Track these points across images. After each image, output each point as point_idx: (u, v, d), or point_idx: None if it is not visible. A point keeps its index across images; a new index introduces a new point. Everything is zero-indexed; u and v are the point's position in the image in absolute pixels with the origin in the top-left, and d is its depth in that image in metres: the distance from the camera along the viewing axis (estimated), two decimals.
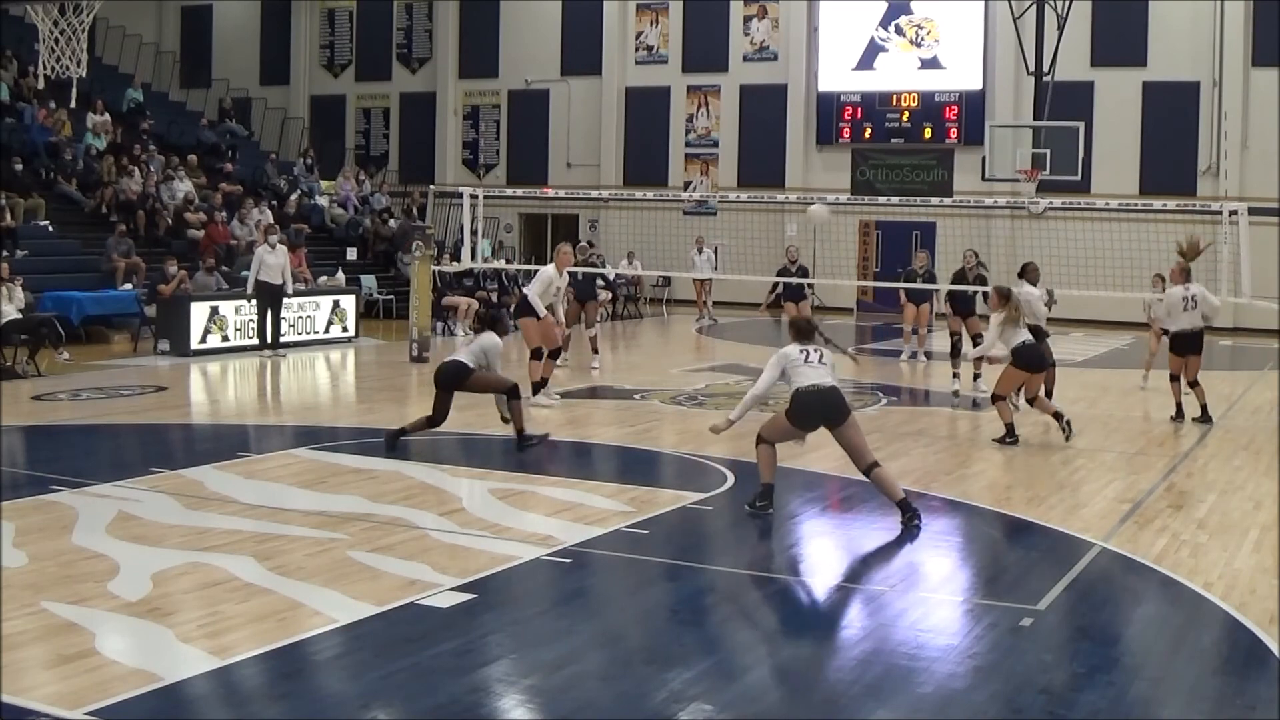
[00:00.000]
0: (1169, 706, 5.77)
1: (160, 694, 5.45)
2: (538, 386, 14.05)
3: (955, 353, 15.92)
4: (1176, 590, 7.46)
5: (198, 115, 30.37)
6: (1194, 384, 13.67)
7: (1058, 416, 12.39)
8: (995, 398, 12.43)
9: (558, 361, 14.87)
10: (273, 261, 18.51)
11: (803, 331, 9.38)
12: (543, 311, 14.24)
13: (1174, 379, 13.85)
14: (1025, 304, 12.83)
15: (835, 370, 9.21)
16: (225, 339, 18.70)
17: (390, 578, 7.22)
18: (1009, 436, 12.27)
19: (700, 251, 27.27)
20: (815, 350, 9.20)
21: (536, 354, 14.16)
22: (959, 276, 16.59)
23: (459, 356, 11.45)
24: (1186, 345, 13.64)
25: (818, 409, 9.01)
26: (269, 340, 18.63)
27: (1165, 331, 14.61)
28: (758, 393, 9.30)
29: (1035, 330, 12.69)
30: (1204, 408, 13.67)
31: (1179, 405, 13.79)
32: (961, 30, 28.81)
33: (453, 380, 11.36)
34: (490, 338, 11.50)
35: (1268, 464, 11.47)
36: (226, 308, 18.85)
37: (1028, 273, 14.33)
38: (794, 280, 18.91)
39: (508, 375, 11.60)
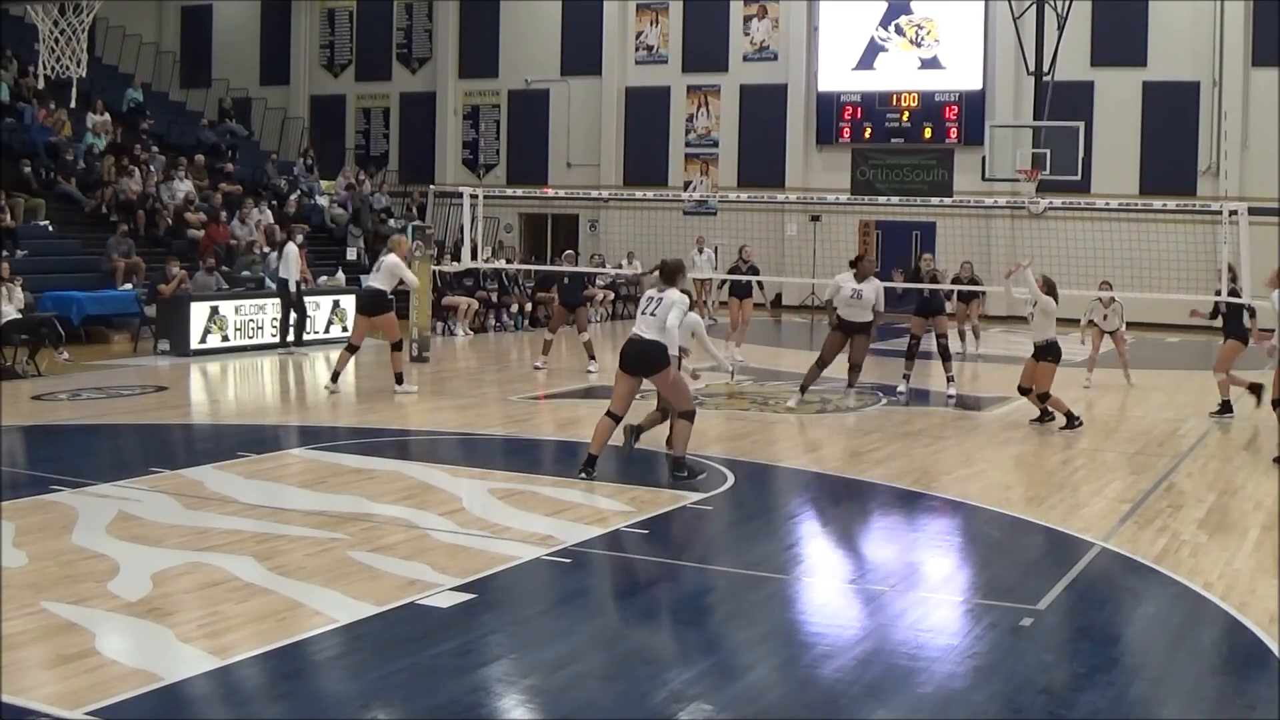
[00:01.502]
0: (1169, 706, 5.76)
1: (160, 694, 5.45)
2: (400, 377, 14.88)
3: (946, 356, 15.72)
4: (1176, 590, 7.46)
5: (198, 115, 30.35)
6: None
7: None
8: (1044, 395, 13.09)
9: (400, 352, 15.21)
10: (296, 259, 19.12)
11: (663, 272, 10.11)
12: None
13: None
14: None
15: (678, 313, 9.82)
16: (225, 339, 18.69)
17: (390, 578, 7.22)
18: (1073, 421, 12.95)
19: (700, 251, 27.24)
20: (656, 300, 9.93)
21: (398, 346, 14.93)
22: (913, 277, 16.71)
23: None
24: None
25: (628, 356, 9.98)
26: (296, 338, 19.01)
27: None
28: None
29: None
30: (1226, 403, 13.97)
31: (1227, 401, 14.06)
32: (961, 30, 28.81)
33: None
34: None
35: (1268, 464, 11.46)
36: (226, 308, 18.85)
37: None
38: (743, 278, 19.21)
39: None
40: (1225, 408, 14.08)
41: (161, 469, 10.17)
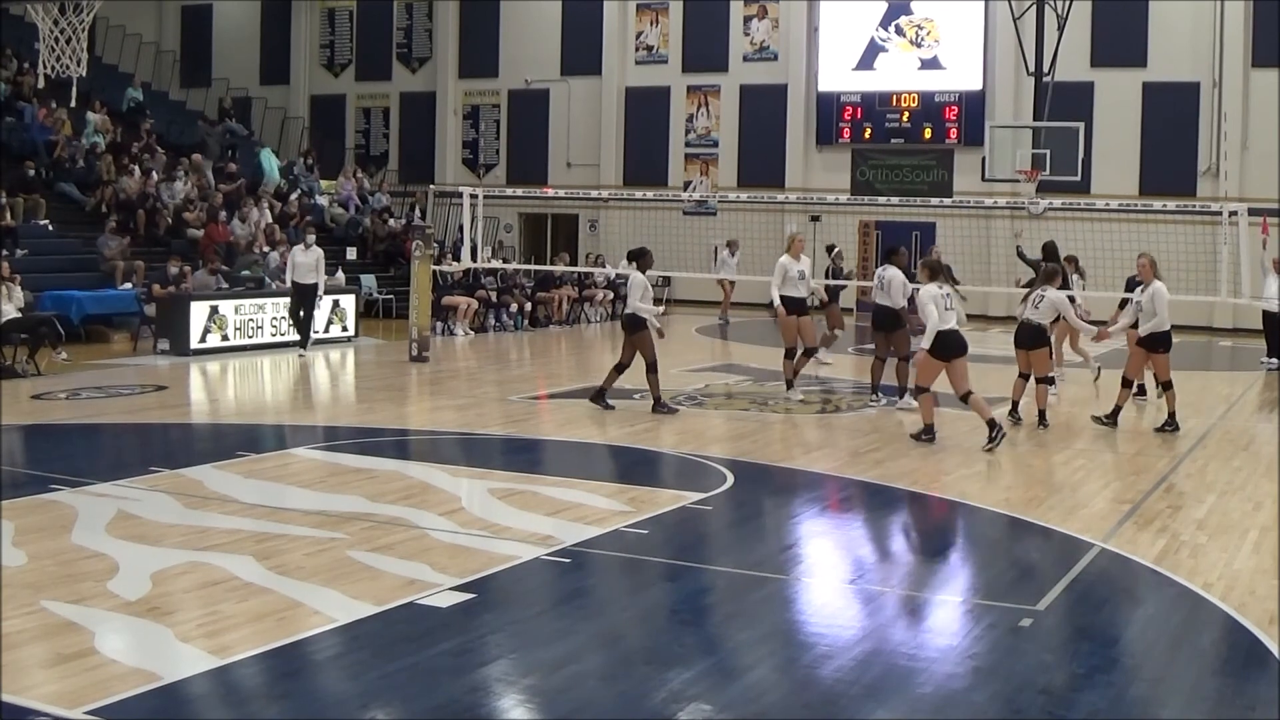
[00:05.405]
0: (1169, 706, 5.77)
1: (160, 693, 5.45)
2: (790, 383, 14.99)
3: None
4: (1176, 590, 7.46)
5: (198, 115, 30.35)
6: (1167, 385, 13.25)
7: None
8: (919, 390, 12.27)
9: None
10: (303, 260, 18.78)
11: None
12: None
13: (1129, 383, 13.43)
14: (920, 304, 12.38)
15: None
16: (225, 339, 18.69)
17: (390, 577, 7.22)
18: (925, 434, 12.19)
19: (733, 254, 26.82)
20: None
21: (792, 354, 14.79)
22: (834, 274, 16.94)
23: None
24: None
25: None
26: (301, 340, 18.91)
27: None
28: None
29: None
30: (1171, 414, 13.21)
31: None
32: (961, 30, 28.79)
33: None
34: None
35: (1268, 464, 11.46)
36: (226, 307, 18.85)
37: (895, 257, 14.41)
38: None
39: None
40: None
41: (161, 468, 10.17)
